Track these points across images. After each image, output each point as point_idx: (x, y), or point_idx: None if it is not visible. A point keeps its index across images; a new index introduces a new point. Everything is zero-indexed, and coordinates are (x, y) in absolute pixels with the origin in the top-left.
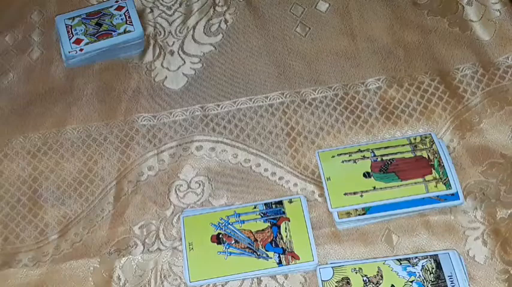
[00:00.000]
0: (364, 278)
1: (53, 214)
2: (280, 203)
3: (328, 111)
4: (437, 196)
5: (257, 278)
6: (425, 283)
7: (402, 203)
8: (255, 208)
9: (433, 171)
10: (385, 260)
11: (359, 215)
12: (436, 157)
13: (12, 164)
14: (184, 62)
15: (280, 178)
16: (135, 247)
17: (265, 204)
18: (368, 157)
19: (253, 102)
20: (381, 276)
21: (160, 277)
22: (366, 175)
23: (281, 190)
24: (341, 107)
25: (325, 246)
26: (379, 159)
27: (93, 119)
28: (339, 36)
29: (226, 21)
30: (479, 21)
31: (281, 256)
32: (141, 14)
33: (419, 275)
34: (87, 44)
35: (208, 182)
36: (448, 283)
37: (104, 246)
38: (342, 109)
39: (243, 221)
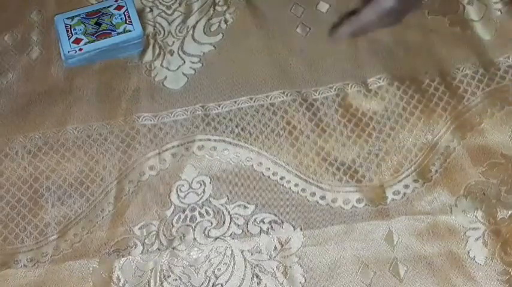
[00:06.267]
0: None
1: (53, 214)
2: None
3: (330, 113)
4: None
5: (257, 277)
6: None
7: None
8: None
9: None
10: None
11: None
12: None
13: (13, 164)
14: (184, 61)
15: (282, 178)
16: (135, 248)
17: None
18: None
19: (254, 101)
20: None
21: (160, 277)
22: None
23: (282, 190)
24: (342, 108)
25: (326, 245)
26: None
27: (93, 119)
28: None
29: (226, 21)
30: (480, 21)
31: None
32: (140, 14)
33: None
34: (86, 43)
35: (210, 182)
36: None
37: (103, 246)
38: (343, 110)
39: None
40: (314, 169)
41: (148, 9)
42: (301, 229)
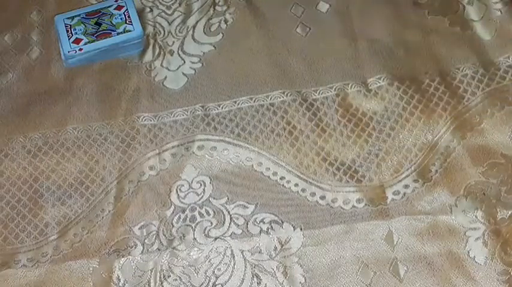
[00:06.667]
0: None
1: (53, 214)
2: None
3: (330, 113)
4: None
5: (257, 277)
6: None
7: None
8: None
9: None
10: None
11: None
12: None
13: (13, 163)
14: (184, 61)
15: (282, 178)
16: (135, 248)
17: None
18: None
19: (254, 101)
20: None
21: (160, 277)
22: None
23: (282, 190)
24: (342, 108)
25: (326, 245)
26: None
27: (93, 119)
28: (339, 36)
29: (226, 21)
30: (480, 21)
31: None
32: (140, 14)
33: None
34: (86, 43)
35: (210, 182)
36: None
37: (103, 246)
38: (343, 110)
39: None
40: (314, 169)
41: (148, 9)
42: (301, 229)
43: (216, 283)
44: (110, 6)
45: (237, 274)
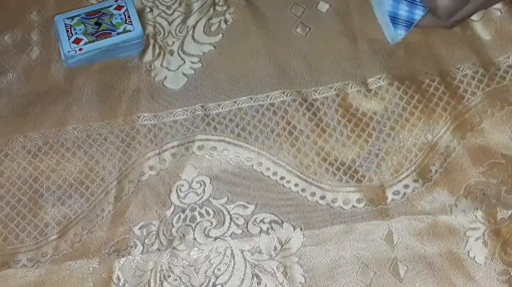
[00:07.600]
0: None
1: (53, 214)
2: None
3: (330, 113)
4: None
5: (257, 277)
6: None
7: None
8: None
9: None
10: None
11: None
12: None
13: (13, 163)
14: (184, 61)
15: (282, 178)
16: (135, 248)
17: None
18: None
19: (254, 101)
20: None
21: (160, 277)
22: None
23: (282, 190)
24: (342, 108)
25: (326, 245)
26: None
27: (93, 119)
28: (339, 36)
29: (226, 21)
30: (480, 21)
31: None
32: (140, 14)
33: None
34: (86, 43)
35: (210, 182)
36: None
37: (103, 246)
38: (343, 110)
39: None
40: (314, 169)
41: (148, 9)
42: (301, 229)
43: (216, 283)
44: (110, 6)
45: (237, 274)
